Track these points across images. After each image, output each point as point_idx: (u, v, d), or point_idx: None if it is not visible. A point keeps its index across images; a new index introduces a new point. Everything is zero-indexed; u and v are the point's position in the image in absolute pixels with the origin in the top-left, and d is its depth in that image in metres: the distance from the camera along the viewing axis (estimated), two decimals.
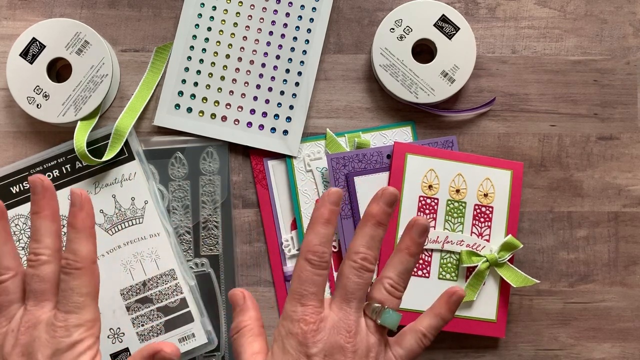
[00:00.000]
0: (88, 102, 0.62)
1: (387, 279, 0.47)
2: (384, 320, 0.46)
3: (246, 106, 0.64)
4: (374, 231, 0.46)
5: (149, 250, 0.62)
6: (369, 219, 0.46)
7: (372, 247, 0.46)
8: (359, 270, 0.46)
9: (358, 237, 0.47)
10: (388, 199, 0.46)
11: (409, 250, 0.47)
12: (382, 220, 0.46)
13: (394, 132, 0.65)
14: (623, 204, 0.66)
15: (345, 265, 0.46)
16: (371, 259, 0.46)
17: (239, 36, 0.65)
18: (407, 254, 0.47)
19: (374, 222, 0.46)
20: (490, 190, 0.63)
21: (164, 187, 0.64)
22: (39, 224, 0.47)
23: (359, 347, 0.45)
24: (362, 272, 0.46)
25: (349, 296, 0.46)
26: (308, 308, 0.45)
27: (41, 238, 0.47)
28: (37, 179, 0.48)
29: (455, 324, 0.62)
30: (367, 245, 0.46)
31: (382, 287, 0.47)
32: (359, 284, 0.46)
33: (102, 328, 0.61)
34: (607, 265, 0.65)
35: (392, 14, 0.63)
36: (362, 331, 0.45)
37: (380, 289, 0.47)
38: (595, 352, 0.65)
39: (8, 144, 0.64)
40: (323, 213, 0.46)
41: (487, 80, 0.66)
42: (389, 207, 0.47)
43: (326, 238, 0.46)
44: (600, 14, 0.66)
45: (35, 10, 0.65)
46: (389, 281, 0.47)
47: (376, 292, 0.47)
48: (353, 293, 0.46)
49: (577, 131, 0.66)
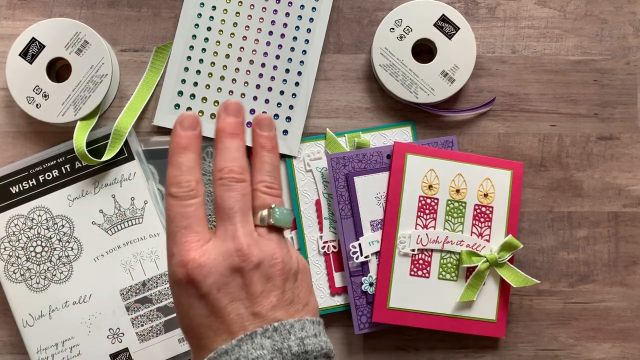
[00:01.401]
0: (88, 102, 0.61)
1: (259, 183, 0.44)
2: (277, 218, 0.43)
3: (246, 106, 0.64)
4: (229, 143, 0.43)
5: (149, 250, 0.62)
6: (220, 135, 0.43)
7: (234, 159, 0.43)
8: (228, 184, 0.42)
9: (216, 156, 0.43)
10: (232, 109, 0.44)
11: (264, 147, 0.44)
12: (233, 130, 0.43)
13: (394, 132, 0.65)
14: (623, 204, 0.66)
15: (215, 187, 0.43)
16: (238, 169, 0.42)
17: (238, 36, 0.65)
18: (264, 151, 0.44)
19: (226, 134, 0.43)
20: (490, 190, 0.63)
21: (163, 187, 0.64)
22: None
23: (259, 259, 0.41)
24: (232, 183, 0.42)
25: (228, 212, 0.42)
26: (184, 245, 0.41)
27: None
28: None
29: (455, 324, 0.62)
30: (227, 158, 0.43)
31: (259, 192, 0.44)
32: (235, 197, 0.42)
33: (101, 328, 0.61)
34: (607, 265, 0.65)
35: (392, 14, 0.63)
36: (257, 242, 0.42)
37: (258, 195, 0.43)
38: (595, 352, 0.65)
39: (8, 144, 0.64)
40: (178, 142, 0.42)
41: (487, 80, 0.66)
42: (236, 117, 0.44)
43: (187, 165, 0.42)
44: (600, 14, 0.66)
45: (35, 10, 0.65)
46: (262, 184, 0.44)
47: (257, 201, 0.43)
48: (231, 207, 0.42)
49: (577, 131, 0.66)
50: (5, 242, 0.61)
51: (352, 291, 0.62)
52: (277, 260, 0.42)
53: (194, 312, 0.41)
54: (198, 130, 0.43)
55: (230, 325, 0.40)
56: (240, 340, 0.39)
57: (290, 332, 0.40)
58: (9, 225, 0.61)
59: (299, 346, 0.40)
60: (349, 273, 0.62)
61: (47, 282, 0.61)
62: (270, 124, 0.45)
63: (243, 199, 0.42)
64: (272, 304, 0.41)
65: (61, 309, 0.61)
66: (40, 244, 0.61)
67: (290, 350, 0.40)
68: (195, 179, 0.42)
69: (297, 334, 0.40)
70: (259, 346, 0.39)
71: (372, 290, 0.62)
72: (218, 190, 0.42)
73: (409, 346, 0.64)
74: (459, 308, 0.62)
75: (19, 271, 0.61)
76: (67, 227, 0.62)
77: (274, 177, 0.44)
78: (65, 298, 0.61)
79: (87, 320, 0.61)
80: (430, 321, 0.61)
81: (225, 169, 0.42)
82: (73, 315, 0.61)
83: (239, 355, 0.39)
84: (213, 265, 0.40)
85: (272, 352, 0.39)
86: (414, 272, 0.62)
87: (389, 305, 0.61)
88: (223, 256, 0.41)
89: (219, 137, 0.43)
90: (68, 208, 0.62)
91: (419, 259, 0.62)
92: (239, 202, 0.42)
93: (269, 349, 0.39)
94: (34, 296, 0.61)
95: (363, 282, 0.62)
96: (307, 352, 0.40)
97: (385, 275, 0.61)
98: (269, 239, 0.42)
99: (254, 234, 0.42)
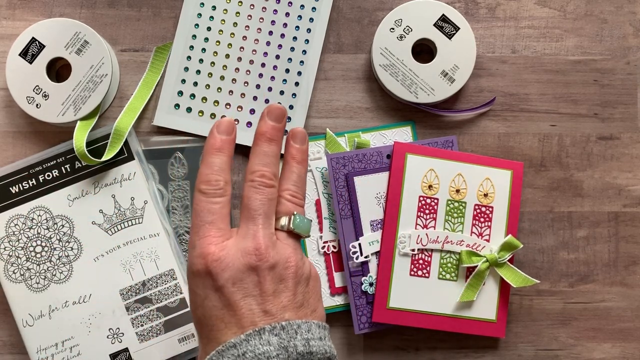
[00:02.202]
0: (87, 102, 0.61)
1: (284, 191, 0.47)
2: (296, 225, 0.45)
3: (246, 106, 0.64)
4: (267, 148, 0.46)
5: (149, 250, 0.62)
6: (259, 138, 0.46)
7: (267, 164, 0.46)
8: (257, 187, 0.45)
9: (252, 158, 0.46)
10: (275, 115, 0.46)
11: (294, 158, 0.47)
12: (273, 137, 0.46)
13: (394, 132, 0.65)
14: (623, 204, 0.66)
15: (244, 187, 0.45)
16: (269, 175, 0.45)
17: (238, 36, 0.65)
18: (294, 162, 0.47)
19: (265, 139, 0.46)
20: (490, 190, 0.63)
21: (163, 187, 0.64)
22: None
23: (274, 260, 0.43)
24: (262, 188, 0.45)
25: (253, 214, 0.44)
26: (205, 239, 0.43)
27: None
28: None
29: (455, 324, 0.62)
30: (261, 162, 0.46)
31: (283, 199, 0.46)
32: (262, 200, 0.45)
33: (101, 328, 0.61)
34: (607, 265, 0.65)
35: (392, 14, 0.63)
36: (276, 245, 0.44)
37: (282, 202, 0.46)
38: (595, 352, 0.65)
39: (7, 144, 0.64)
40: (213, 143, 0.45)
41: (487, 80, 0.66)
42: (277, 123, 0.46)
43: (218, 166, 0.45)
44: (600, 14, 0.66)
45: (35, 10, 0.65)
46: (287, 192, 0.46)
47: (280, 207, 0.46)
48: (256, 210, 0.44)
49: (577, 131, 0.66)
50: (5, 242, 0.61)
51: (352, 291, 0.62)
52: (291, 263, 0.44)
53: (209, 304, 0.43)
54: (233, 135, 0.46)
55: (241, 319, 0.42)
56: (249, 335, 0.41)
57: (297, 332, 0.42)
58: (9, 225, 0.61)
59: (304, 346, 0.41)
60: (349, 273, 0.62)
61: (47, 282, 0.61)
62: (304, 138, 0.48)
63: (269, 203, 0.45)
64: (283, 304, 0.43)
65: (61, 309, 0.61)
66: (40, 244, 0.61)
67: (295, 349, 0.41)
68: (225, 179, 0.45)
69: (303, 335, 0.42)
70: (266, 342, 0.41)
71: (372, 290, 0.62)
72: (247, 191, 0.45)
73: (409, 346, 0.64)
74: (459, 308, 0.62)
75: (18, 271, 0.61)
76: (67, 227, 0.62)
77: (299, 187, 0.47)
78: (65, 298, 0.61)
79: (87, 320, 0.61)
80: (430, 321, 0.61)
81: (257, 172, 0.45)
82: (73, 315, 0.61)
83: (247, 349, 0.40)
84: (231, 260, 0.42)
85: (279, 349, 0.41)
86: (414, 272, 0.62)
87: (389, 305, 0.61)
88: (241, 253, 0.43)
89: (258, 139, 0.46)
90: (68, 208, 0.62)
91: (419, 259, 0.62)
92: (265, 205, 0.45)
93: (276, 345, 0.41)
94: (33, 296, 0.61)
95: (363, 282, 0.62)
96: (311, 353, 0.41)
97: (385, 275, 0.61)
98: (286, 243, 0.45)
99: (273, 237, 0.44)
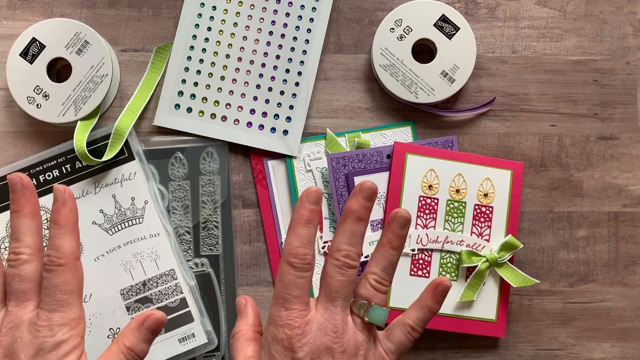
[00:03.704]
0: (88, 102, 0.62)
1: (371, 274, 0.46)
2: (371, 316, 0.46)
3: (246, 106, 0.64)
4: (354, 227, 0.46)
5: (149, 250, 0.62)
6: (348, 215, 0.46)
7: (353, 244, 0.46)
8: (341, 268, 0.45)
9: (339, 234, 0.46)
10: (367, 193, 0.46)
11: (391, 243, 0.46)
12: (362, 216, 0.46)
13: (394, 132, 0.65)
14: (623, 204, 0.66)
15: (328, 264, 0.46)
16: (354, 256, 0.45)
17: (239, 36, 0.65)
18: (390, 247, 0.47)
19: (354, 217, 0.46)
20: (490, 190, 0.63)
21: (163, 187, 0.64)
22: (19, 222, 0.46)
23: (347, 346, 0.44)
24: (345, 269, 0.45)
25: (334, 295, 0.45)
26: (292, 312, 0.44)
27: (21, 237, 0.46)
28: (16, 177, 0.47)
29: (455, 324, 0.62)
30: (348, 242, 0.45)
31: (367, 283, 0.46)
32: (343, 282, 0.45)
33: (102, 328, 0.61)
34: (607, 265, 0.65)
35: (392, 14, 0.63)
36: (349, 330, 0.45)
37: (366, 285, 0.46)
38: (595, 352, 0.65)
39: (8, 144, 0.64)
40: (303, 214, 0.45)
41: (487, 80, 0.66)
42: (368, 202, 0.46)
43: (307, 239, 0.45)
44: (600, 14, 0.66)
45: (35, 10, 0.65)
46: (373, 277, 0.46)
47: (361, 289, 0.46)
48: (337, 292, 0.45)
49: (577, 131, 0.66)
50: (5, 242, 0.61)
51: None
52: (360, 352, 0.45)
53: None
54: (320, 205, 0.46)
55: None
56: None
57: None
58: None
59: None
60: None
61: None
62: (406, 223, 0.47)
63: (349, 286, 0.46)
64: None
65: None
66: None
67: None
68: (312, 253, 0.45)
69: None
70: None
71: None
72: (330, 268, 0.46)
73: None
74: (459, 308, 0.62)
75: None
76: None
77: (388, 274, 0.47)
78: None
79: (87, 320, 0.61)
80: (430, 321, 0.61)
81: (343, 252, 0.45)
82: None
83: None
84: (312, 337, 0.44)
85: None
86: (414, 272, 0.62)
87: (389, 305, 0.61)
88: (322, 332, 0.44)
89: (347, 216, 0.46)
90: None
91: (419, 258, 0.62)
92: (345, 287, 0.45)
93: None
94: None
95: None
96: None
97: None
98: (360, 331, 0.46)
99: (350, 322, 0.46)
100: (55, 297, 0.44)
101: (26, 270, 0.45)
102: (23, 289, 0.45)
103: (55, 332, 0.44)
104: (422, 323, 0.48)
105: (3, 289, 0.46)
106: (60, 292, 0.44)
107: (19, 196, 0.47)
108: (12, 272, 0.45)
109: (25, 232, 0.46)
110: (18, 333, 0.44)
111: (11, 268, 0.46)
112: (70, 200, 0.47)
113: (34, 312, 0.45)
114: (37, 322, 0.44)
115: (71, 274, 0.45)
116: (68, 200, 0.47)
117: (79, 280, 0.46)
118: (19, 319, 0.44)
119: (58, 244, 0.45)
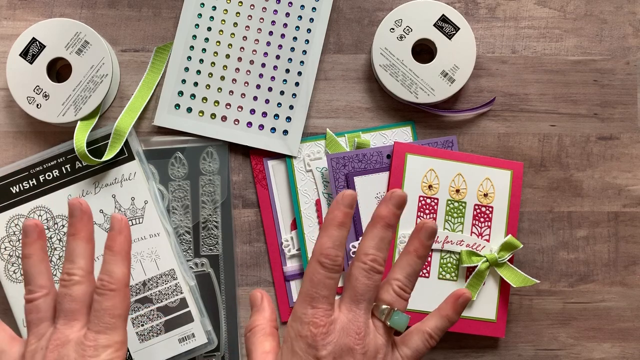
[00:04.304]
0: (88, 102, 0.62)
1: (395, 280, 0.47)
2: (393, 322, 0.46)
3: (246, 106, 0.64)
4: (383, 233, 0.47)
5: (149, 250, 0.62)
6: (378, 221, 0.47)
7: (381, 249, 0.47)
8: (368, 272, 0.46)
9: (367, 239, 0.47)
10: (397, 201, 0.47)
11: (417, 252, 0.48)
12: (391, 222, 0.47)
13: (394, 132, 0.65)
14: (623, 204, 0.66)
15: (354, 266, 0.46)
16: (380, 261, 0.46)
17: (239, 36, 0.65)
18: (415, 256, 0.48)
19: (383, 223, 0.47)
20: (490, 190, 0.63)
21: (163, 187, 0.64)
22: (74, 245, 0.48)
23: (368, 348, 0.45)
24: (372, 273, 0.46)
25: (358, 297, 0.46)
26: (319, 311, 0.45)
27: (75, 259, 0.48)
28: (76, 202, 0.49)
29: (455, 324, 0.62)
30: (376, 246, 0.46)
31: (391, 288, 0.47)
32: (368, 286, 0.46)
33: None
34: (607, 265, 0.65)
35: (392, 14, 0.63)
36: (370, 332, 0.46)
37: (389, 291, 0.47)
38: (595, 352, 0.65)
39: (8, 144, 0.64)
40: (337, 215, 0.46)
41: (487, 80, 0.66)
42: (398, 209, 0.47)
43: (339, 241, 0.46)
44: (600, 14, 0.66)
45: (35, 10, 0.65)
46: (397, 283, 0.47)
47: (385, 294, 0.47)
48: (362, 294, 0.46)
49: (577, 131, 0.66)
50: (5, 242, 0.61)
51: None
52: (380, 355, 0.46)
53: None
54: (354, 208, 0.47)
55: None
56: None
57: None
58: (9, 225, 0.61)
59: None
60: None
61: None
62: (432, 234, 0.48)
63: (374, 290, 0.46)
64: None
65: None
66: None
67: None
68: (342, 255, 0.46)
69: None
70: None
71: None
72: (356, 271, 0.46)
73: None
74: None
75: (19, 271, 0.61)
76: None
77: (411, 282, 0.48)
78: None
79: None
80: None
81: (370, 256, 0.46)
82: None
83: None
84: (335, 337, 0.45)
85: None
86: None
87: None
88: (345, 332, 0.45)
89: (376, 221, 0.47)
90: None
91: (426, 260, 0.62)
92: (370, 291, 0.46)
93: None
94: None
95: None
96: None
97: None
98: (381, 334, 0.46)
99: (371, 325, 0.46)
100: (103, 319, 0.46)
101: (77, 291, 0.47)
102: (72, 308, 0.47)
103: (100, 352, 0.45)
104: (440, 332, 0.49)
105: (53, 307, 0.48)
106: (108, 315, 0.46)
107: (77, 220, 0.49)
108: (64, 291, 0.47)
109: (79, 254, 0.48)
110: (64, 351, 0.45)
111: (63, 288, 0.47)
112: (126, 229, 0.49)
113: (80, 331, 0.46)
114: (84, 342, 0.45)
115: (120, 299, 0.47)
116: (124, 229, 0.49)
117: (126, 306, 0.48)
118: (66, 337, 0.46)
119: (111, 269, 0.47)
